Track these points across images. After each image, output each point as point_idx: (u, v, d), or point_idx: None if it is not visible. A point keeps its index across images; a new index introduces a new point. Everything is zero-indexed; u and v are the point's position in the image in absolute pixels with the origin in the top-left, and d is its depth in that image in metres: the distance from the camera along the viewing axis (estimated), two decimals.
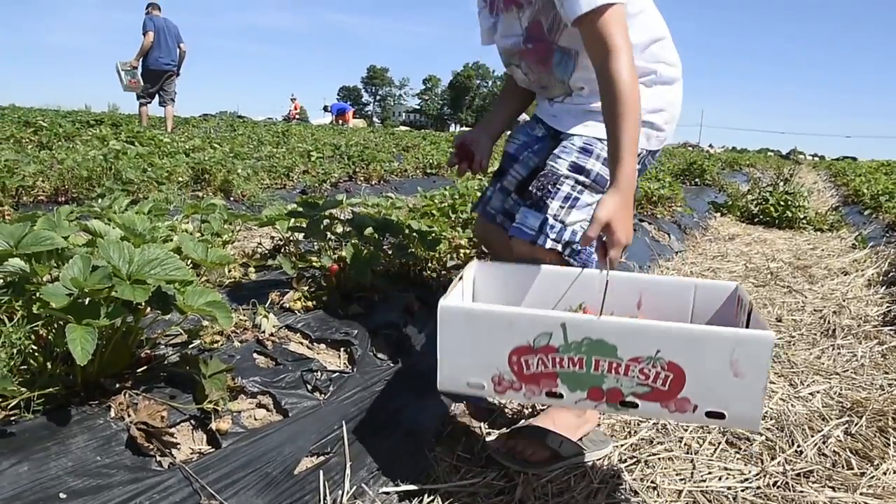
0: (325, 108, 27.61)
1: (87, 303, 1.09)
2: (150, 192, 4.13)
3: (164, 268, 1.13)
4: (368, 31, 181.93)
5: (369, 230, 2.00)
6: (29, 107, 17.58)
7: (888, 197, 6.73)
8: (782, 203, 6.50)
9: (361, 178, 5.89)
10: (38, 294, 1.07)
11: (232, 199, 4.57)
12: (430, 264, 2.13)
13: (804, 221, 6.49)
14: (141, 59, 8.69)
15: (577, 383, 1.08)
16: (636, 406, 1.06)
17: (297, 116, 22.04)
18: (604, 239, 1.25)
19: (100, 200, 2.06)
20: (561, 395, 1.10)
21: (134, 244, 1.24)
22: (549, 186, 1.44)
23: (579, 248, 1.45)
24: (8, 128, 7.39)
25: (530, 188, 1.49)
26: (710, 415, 1.04)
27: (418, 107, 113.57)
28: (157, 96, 8.99)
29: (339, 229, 2.19)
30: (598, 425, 1.66)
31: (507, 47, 1.58)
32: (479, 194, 2.57)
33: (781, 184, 7.31)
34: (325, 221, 1.97)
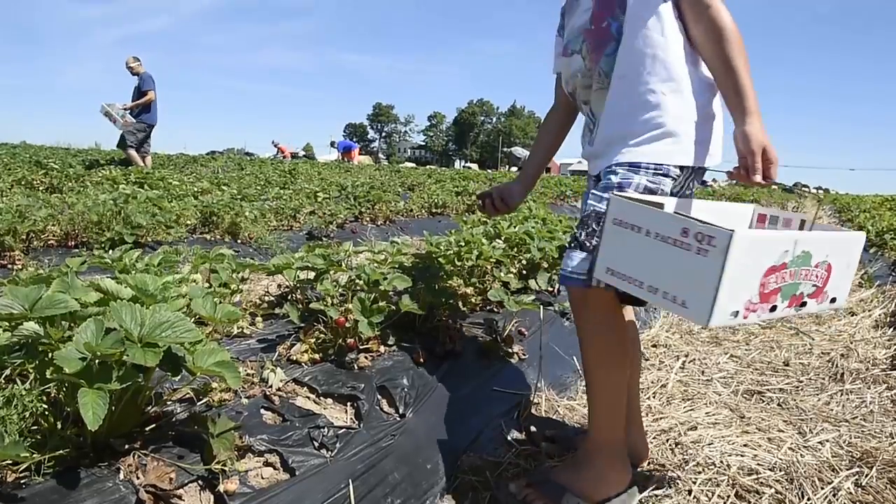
0: (332, 144, 28.06)
1: (99, 364, 1.11)
2: (158, 235, 4.18)
3: (174, 330, 1.15)
4: (374, 70, 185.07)
5: (375, 282, 2.03)
6: (40, 145, 17.85)
7: (893, 234, 6.72)
8: None
9: (368, 219, 5.94)
10: (51, 357, 1.09)
11: (239, 241, 4.62)
12: (435, 313, 2.14)
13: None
14: (135, 112, 9.01)
15: (786, 294, 1.21)
16: (805, 305, 1.25)
17: (290, 156, 22.50)
18: (761, 164, 1.28)
19: (111, 252, 2.08)
20: (775, 308, 1.20)
21: (145, 304, 1.26)
22: (594, 225, 1.43)
23: None
24: (20, 169, 7.51)
25: (574, 231, 1.49)
26: (832, 300, 1.31)
27: (423, 143, 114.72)
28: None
29: (345, 278, 2.21)
30: (625, 490, 1.58)
31: (577, 27, 1.56)
32: (483, 241, 2.60)
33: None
34: (332, 272, 1.99)
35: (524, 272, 2.73)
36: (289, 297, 2.49)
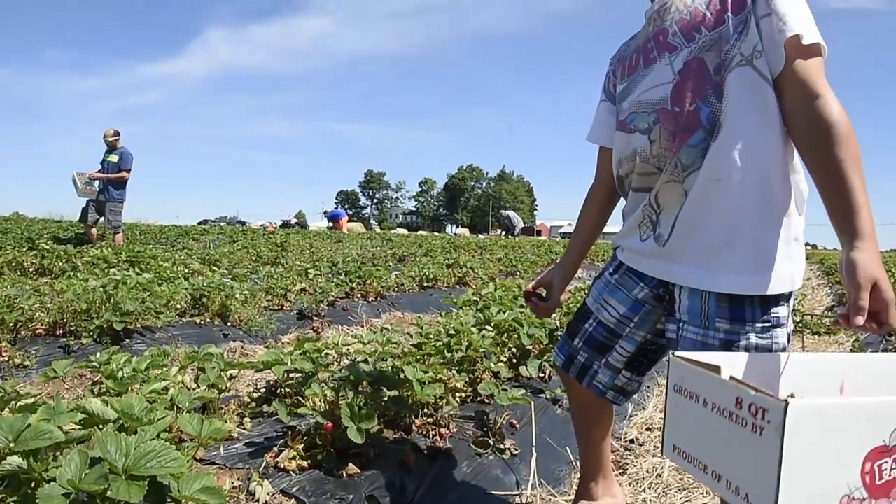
0: (324, 213, 28.59)
1: (83, 499, 1.09)
2: (147, 320, 4.16)
3: (159, 460, 1.15)
4: (366, 137, 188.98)
5: (366, 376, 2.02)
6: (33, 217, 17.89)
7: None
8: None
9: (359, 295, 5.95)
10: (34, 491, 1.08)
11: (229, 323, 4.60)
12: (425, 410, 2.13)
13: (800, 325, 6.51)
14: (112, 188, 8.82)
15: None
16: None
17: (274, 230, 23.03)
18: (867, 303, 1.03)
19: (98, 346, 2.07)
20: None
21: (130, 428, 1.25)
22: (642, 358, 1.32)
23: None
24: (11, 250, 7.52)
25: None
26: None
27: (415, 208, 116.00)
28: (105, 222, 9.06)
29: (337, 372, 2.20)
30: None
31: (647, 101, 1.34)
32: (473, 330, 2.60)
33: None
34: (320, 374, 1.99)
35: (514, 360, 2.73)
36: (277, 391, 2.48)
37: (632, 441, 2.74)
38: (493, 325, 2.82)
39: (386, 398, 2.03)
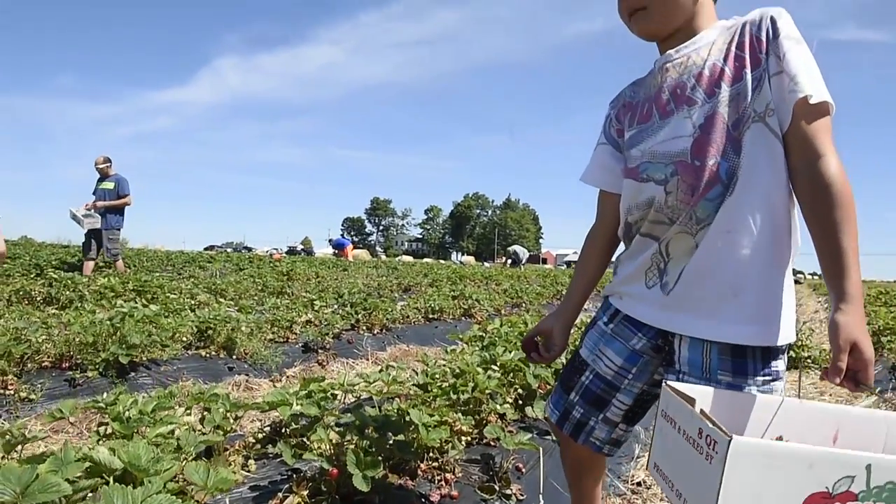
0: (330, 241, 28.80)
1: None
2: (153, 353, 4.17)
3: None
4: (372, 165, 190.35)
5: (372, 415, 2.02)
6: (41, 241, 18.01)
7: (890, 335, 6.72)
8: None
9: (364, 328, 5.94)
10: None
11: (235, 356, 4.60)
12: (430, 454, 2.12)
13: (809, 360, 6.46)
14: (109, 215, 8.76)
15: None
16: None
17: (280, 258, 23.23)
18: (846, 364, 1.07)
19: (105, 395, 2.08)
20: None
21: (137, 479, 1.25)
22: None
23: None
24: (18, 278, 7.57)
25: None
26: None
27: (420, 236, 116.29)
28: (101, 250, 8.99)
29: (342, 417, 2.20)
30: None
31: (664, 153, 1.33)
32: (479, 371, 2.59)
33: None
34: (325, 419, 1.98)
35: (520, 400, 2.72)
36: (282, 431, 2.47)
37: (638, 484, 2.71)
38: (498, 364, 2.81)
39: (391, 442, 2.02)
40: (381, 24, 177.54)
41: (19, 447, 1.66)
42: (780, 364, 1.26)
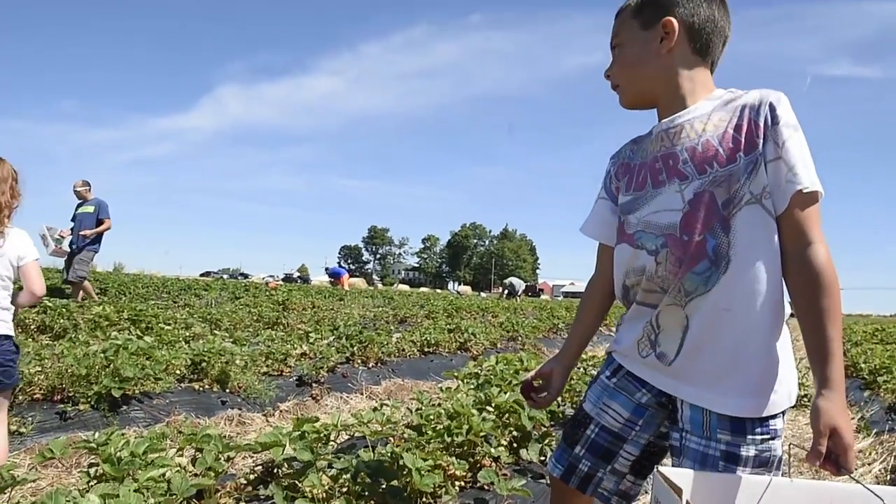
0: (326, 270, 28.84)
1: None
2: (146, 386, 4.14)
3: None
4: (370, 193, 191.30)
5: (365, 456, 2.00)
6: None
7: (885, 374, 6.70)
8: None
9: (359, 361, 5.91)
10: None
11: (228, 390, 4.56)
12: (423, 499, 2.10)
13: (806, 399, 6.43)
14: (84, 241, 8.54)
15: None
16: None
17: (276, 286, 23.25)
18: (825, 448, 1.11)
19: (96, 432, 2.07)
20: None
21: None
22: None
23: None
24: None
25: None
26: None
27: (417, 265, 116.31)
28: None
29: (336, 460, 2.18)
30: None
31: (655, 224, 1.36)
32: (473, 412, 2.58)
33: None
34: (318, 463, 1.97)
35: (514, 443, 2.70)
36: (275, 472, 2.45)
37: None
38: (493, 405, 2.80)
39: (384, 486, 2.01)
40: (382, 56, 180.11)
41: (9, 489, 1.64)
42: (778, 422, 1.29)
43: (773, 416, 1.28)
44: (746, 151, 1.26)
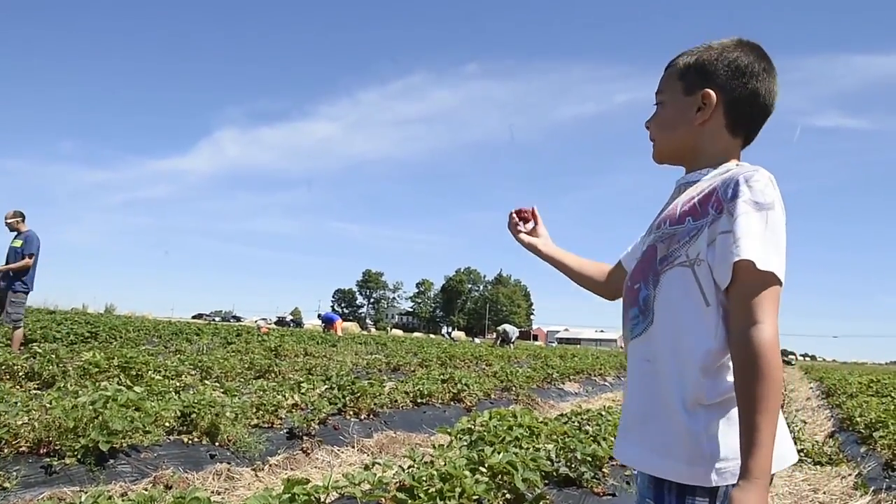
0: (319, 317, 28.85)
1: None
2: (135, 439, 4.07)
3: None
4: (365, 237, 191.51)
5: None
6: (27, 306, 17.77)
7: (882, 428, 6.65)
8: None
9: (351, 413, 5.84)
10: None
11: (217, 443, 4.49)
12: None
13: (802, 454, 6.38)
14: (14, 277, 8.02)
15: None
16: None
17: (267, 330, 23.13)
18: None
19: (83, 496, 2.03)
20: None
21: None
22: None
23: None
24: (1, 352, 7.45)
25: None
26: None
27: (411, 309, 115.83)
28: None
29: None
30: None
31: (629, 272, 1.45)
32: (466, 473, 2.55)
33: None
34: None
35: None
36: None
37: None
38: (486, 466, 2.76)
39: None
40: (379, 103, 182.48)
41: None
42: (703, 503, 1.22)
43: (692, 495, 1.22)
44: (695, 217, 1.27)
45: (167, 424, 4.44)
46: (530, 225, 1.79)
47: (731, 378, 1.21)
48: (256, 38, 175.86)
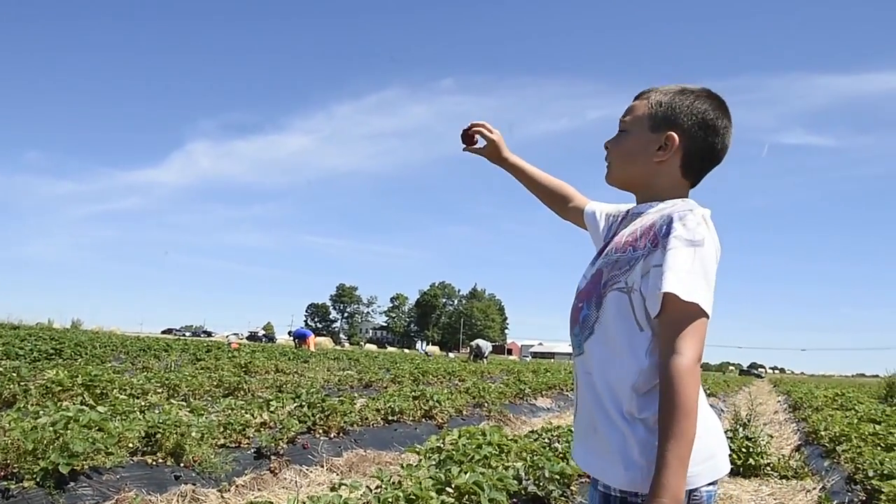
0: (289, 334, 28.64)
1: None
2: (97, 460, 3.98)
3: None
4: (339, 252, 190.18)
5: None
6: None
7: (845, 442, 6.77)
8: (744, 450, 6.51)
9: (320, 431, 5.78)
10: None
11: (183, 464, 4.41)
12: None
13: (769, 468, 6.46)
14: None
15: None
16: None
17: (237, 346, 22.84)
18: None
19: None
20: None
21: None
22: None
23: None
24: None
25: None
26: None
27: (385, 324, 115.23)
28: None
29: None
30: None
31: (578, 287, 1.51)
32: (432, 495, 2.55)
33: (741, 429, 7.38)
34: None
35: None
36: None
37: None
38: (453, 486, 2.76)
39: None
40: (353, 116, 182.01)
41: None
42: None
43: (636, 497, 1.27)
44: (635, 248, 1.36)
45: (131, 445, 4.35)
46: (482, 143, 1.89)
47: None
48: (231, 50, 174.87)
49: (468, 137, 1.87)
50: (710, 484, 1.32)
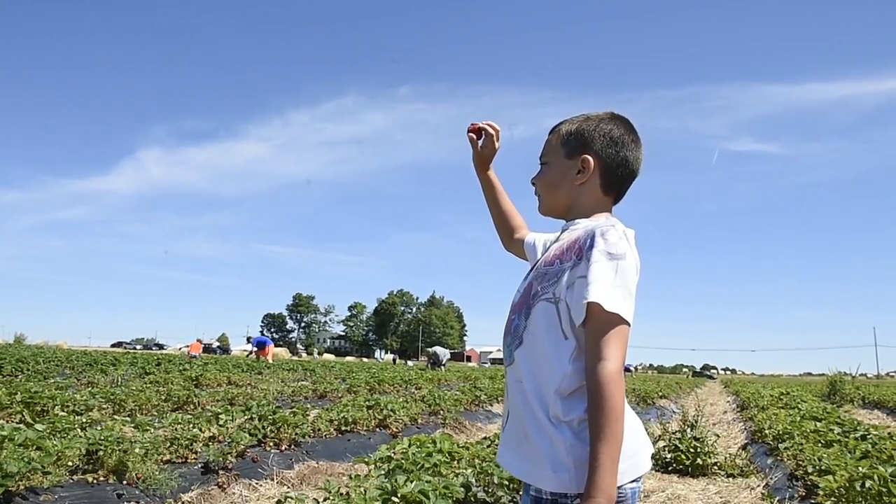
0: (248, 340, 28.15)
1: None
2: (33, 480, 3.84)
3: None
4: (296, 260, 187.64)
5: None
6: None
7: (788, 440, 6.97)
8: (692, 450, 6.66)
9: (271, 444, 5.68)
10: None
11: (126, 482, 4.29)
12: None
13: (716, 467, 6.62)
14: None
15: None
16: None
17: (197, 353, 22.31)
18: None
19: None
20: None
21: None
22: None
23: None
24: None
25: None
26: None
27: (343, 333, 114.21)
28: None
29: None
30: None
31: (513, 300, 1.59)
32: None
33: (689, 430, 7.54)
34: None
35: None
36: None
37: None
38: (399, 496, 2.75)
39: None
40: (311, 124, 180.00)
41: None
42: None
43: (566, 498, 1.34)
44: (562, 261, 1.45)
45: (70, 464, 4.20)
46: (483, 141, 1.98)
47: (585, 403, 1.36)
48: (184, 55, 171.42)
49: (476, 130, 1.96)
50: (633, 481, 1.40)
